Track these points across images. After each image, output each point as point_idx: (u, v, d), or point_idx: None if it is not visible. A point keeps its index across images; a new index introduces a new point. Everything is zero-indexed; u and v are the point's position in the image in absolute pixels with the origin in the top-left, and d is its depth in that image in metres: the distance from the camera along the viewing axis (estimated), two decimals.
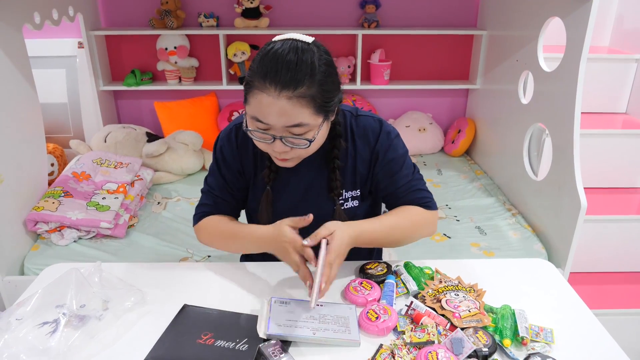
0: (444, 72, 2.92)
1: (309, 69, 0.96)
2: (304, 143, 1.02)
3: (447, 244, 1.97)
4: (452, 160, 2.82)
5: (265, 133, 1.01)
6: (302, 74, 0.96)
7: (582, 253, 2.05)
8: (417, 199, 1.20)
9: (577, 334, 1.01)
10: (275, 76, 0.95)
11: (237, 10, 2.67)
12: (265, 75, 0.96)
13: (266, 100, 0.97)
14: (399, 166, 1.19)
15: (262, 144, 1.05)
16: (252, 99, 1.00)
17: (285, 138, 1.01)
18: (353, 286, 1.10)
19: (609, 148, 2.25)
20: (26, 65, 1.91)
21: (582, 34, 1.68)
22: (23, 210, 1.88)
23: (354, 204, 1.22)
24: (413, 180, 1.21)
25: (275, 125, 0.99)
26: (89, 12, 2.58)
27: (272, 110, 0.97)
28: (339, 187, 1.17)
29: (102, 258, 1.82)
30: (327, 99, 1.00)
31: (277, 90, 0.95)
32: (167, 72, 2.75)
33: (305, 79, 0.96)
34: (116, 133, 2.52)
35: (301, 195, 1.21)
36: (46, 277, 1.17)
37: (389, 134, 1.18)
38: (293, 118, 0.98)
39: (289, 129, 0.99)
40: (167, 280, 1.17)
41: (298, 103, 0.97)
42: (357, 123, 1.18)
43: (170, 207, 2.25)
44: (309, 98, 0.97)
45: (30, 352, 0.91)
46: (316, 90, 0.98)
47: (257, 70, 0.98)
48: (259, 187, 1.21)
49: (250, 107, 1.01)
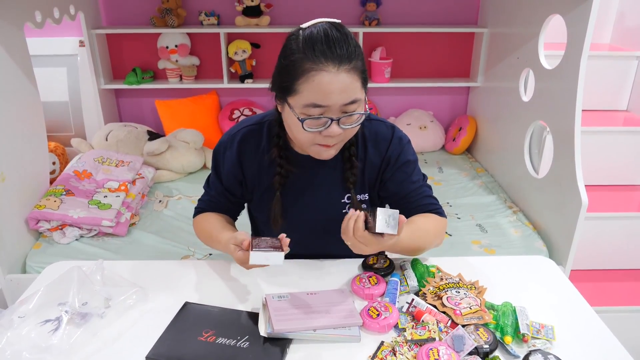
0: (445, 69, 2.92)
1: (354, 41, 0.99)
2: (357, 119, 1.02)
3: (448, 241, 1.97)
4: (453, 158, 2.82)
5: (320, 118, 0.99)
6: (352, 47, 0.98)
7: (583, 250, 2.05)
8: (429, 204, 1.20)
9: (578, 331, 1.01)
10: (332, 52, 0.96)
11: (238, 9, 2.67)
12: (321, 54, 0.96)
13: (327, 78, 0.96)
14: (410, 171, 1.18)
15: (310, 135, 1.02)
16: (305, 83, 0.97)
17: (340, 120, 1.00)
18: (360, 279, 1.11)
19: (609, 145, 2.24)
20: (27, 63, 1.92)
21: (583, 31, 1.68)
22: (25, 208, 1.88)
23: (363, 207, 1.21)
24: (424, 186, 1.21)
25: (334, 106, 0.98)
26: (90, 11, 2.58)
27: (334, 87, 0.96)
28: (355, 175, 1.16)
29: (104, 256, 1.83)
30: (366, 72, 1.03)
31: (336, 65, 0.96)
32: (168, 70, 2.75)
33: (355, 52, 0.98)
34: (117, 131, 2.52)
35: (312, 194, 1.19)
36: (48, 275, 1.17)
37: (400, 139, 1.18)
38: (351, 94, 0.98)
39: (345, 107, 0.99)
40: (168, 278, 1.17)
41: (355, 76, 0.98)
42: (369, 127, 1.17)
43: (172, 205, 2.25)
44: (360, 70, 0.99)
45: (32, 350, 0.92)
46: (362, 63, 1.00)
47: (304, 54, 0.97)
48: (266, 194, 1.19)
49: (301, 94, 0.98)
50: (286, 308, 1.01)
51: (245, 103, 2.87)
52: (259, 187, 1.20)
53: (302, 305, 1.02)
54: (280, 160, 1.14)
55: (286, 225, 1.17)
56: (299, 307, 1.01)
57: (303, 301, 1.03)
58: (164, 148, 2.44)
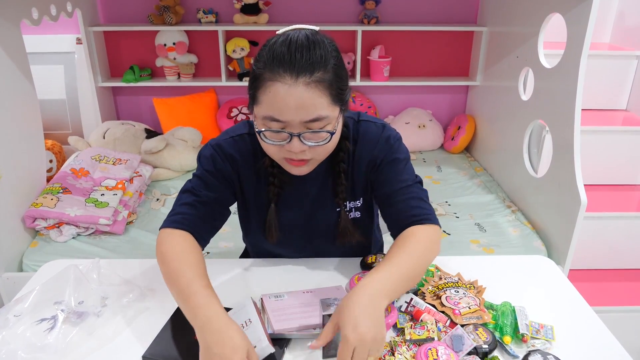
0: (444, 68, 2.91)
1: (323, 51, 0.90)
2: (324, 137, 0.93)
3: (447, 240, 1.96)
4: (451, 157, 2.82)
5: (280, 132, 0.92)
6: (317, 57, 0.89)
7: (582, 250, 2.04)
8: (415, 207, 1.06)
9: (578, 331, 1.01)
10: (290, 61, 0.87)
11: (236, 6, 2.66)
12: (279, 63, 0.88)
13: (282, 90, 0.88)
14: (397, 168, 1.08)
15: (274, 147, 0.95)
16: (264, 94, 0.90)
17: (303, 135, 0.91)
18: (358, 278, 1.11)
19: (609, 145, 2.24)
20: (24, 61, 1.91)
21: (582, 30, 1.67)
22: (21, 206, 1.87)
23: (357, 215, 1.16)
24: (413, 186, 1.08)
25: (292, 122, 0.90)
26: (87, 8, 2.57)
27: (289, 102, 0.88)
28: (344, 192, 1.10)
29: (101, 254, 1.82)
30: (341, 86, 0.94)
31: (294, 76, 0.87)
32: (166, 68, 2.74)
33: (321, 62, 0.89)
34: (115, 129, 2.51)
35: (307, 207, 1.15)
36: (44, 273, 1.16)
37: (388, 138, 1.09)
38: (311, 111, 0.89)
39: (307, 125, 0.91)
40: None
41: (316, 90, 0.89)
42: (358, 129, 1.09)
43: (169, 203, 2.24)
44: (326, 83, 0.90)
45: (28, 349, 0.91)
46: (332, 76, 0.91)
47: (267, 62, 0.89)
48: (262, 206, 1.13)
49: (261, 106, 0.91)
50: (284, 307, 1.00)
51: (243, 101, 2.86)
52: (255, 199, 1.14)
53: (300, 304, 1.01)
54: (272, 170, 1.08)
55: (281, 236, 1.13)
56: (297, 306, 1.01)
57: (300, 300, 1.03)
58: (161, 146, 2.43)
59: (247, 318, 0.93)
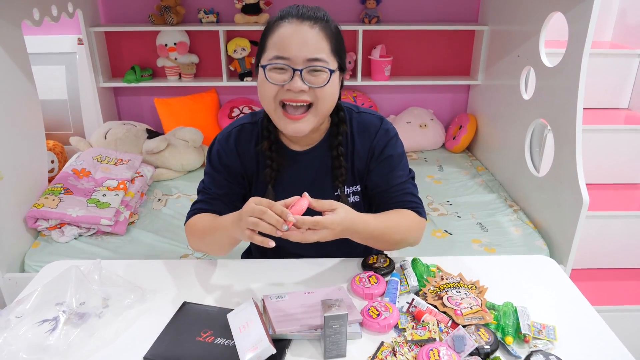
0: (445, 67, 2.91)
1: (325, 15, 1.04)
2: (324, 79, 1.02)
3: (448, 240, 1.96)
4: (453, 157, 2.81)
5: (283, 69, 1.01)
6: (321, 14, 1.03)
7: (584, 249, 2.04)
8: (408, 201, 1.17)
9: (580, 331, 1.00)
10: (297, 10, 1.02)
11: (237, 6, 2.66)
12: (287, 12, 1.02)
13: (288, 28, 1.00)
14: (394, 165, 1.16)
15: (274, 88, 1.03)
16: (271, 39, 1.02)
17: (304, 74, 1.01)
18: (359, 278, 1.11)
19: (611, 144, 2.24)
20: (25, 61, 1.91)
21: (584, 28, 1.67)
22: (23, 207, 1.87)
23: (356, 199, 1.20)
24: (407, 182, 1.18)
25: (295, 58, 1.00)
26: (89, 8, 2.57)
27: (294, 39, 1.00)
28: (344, 175, 1.15)
29: (103, 255, 1.82)
30: (341, 49, 1.05)
31: (299, 19, 1.00)
32: (167, 68, 2.74)
33: (324, 19, 1.03)
34: (116, 130, 2.51)
35: (305, 189, 1.17)
36: (46, 274, 1.16)
37: (387, 131, 1.16)
38: (313, 49, 1.00)
39: (310, 62, 1.00)
40: (167, 277, 1.16)
41: (319, 34, 1.01)
42: (357, 119, 1.17)
43: (171, 203, 2.24)
44: (328, 34, 1.02)
45: (29, 350, 0.91)
46: (332, 33, 1.03)
47: (273, 18, 1.04)
48: (261, 188, 1.19)
49: (269, 49, 1.03)
50: (285, 308, 1.00)
51: (244, 101, 2.86)
52: (255, 182, 1.20)
53: (301, 304, 1.01)
54: (270, 153, 1.14)
55: None
56: (298, 307, 1.00)
57: (301, 300, 1.03)
58: (163, 146, 2.43)
59: (249, 319, 0.94)
